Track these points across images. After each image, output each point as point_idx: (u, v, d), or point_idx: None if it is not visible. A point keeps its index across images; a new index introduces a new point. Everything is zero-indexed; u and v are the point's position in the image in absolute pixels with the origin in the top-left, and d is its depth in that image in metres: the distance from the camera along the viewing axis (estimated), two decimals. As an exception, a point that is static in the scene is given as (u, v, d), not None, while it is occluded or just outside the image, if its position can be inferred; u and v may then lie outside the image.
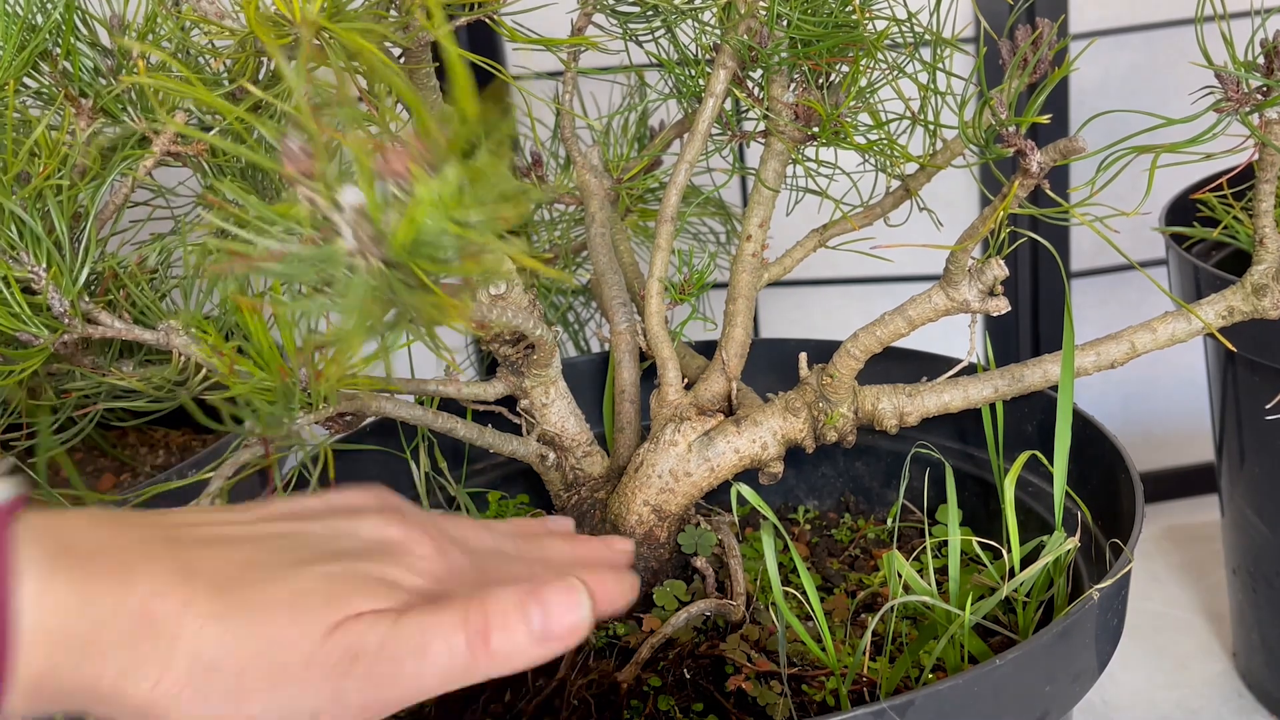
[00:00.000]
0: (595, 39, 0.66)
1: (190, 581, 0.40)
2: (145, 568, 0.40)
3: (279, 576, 0.42)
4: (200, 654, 0.39)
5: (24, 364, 0.55)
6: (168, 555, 0.41)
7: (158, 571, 0.40)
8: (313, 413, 0.58)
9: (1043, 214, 0.58)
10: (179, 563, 0.40)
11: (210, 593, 0.40)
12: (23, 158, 0.56)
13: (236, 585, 0.41)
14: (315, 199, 0.40)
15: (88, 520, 0.41)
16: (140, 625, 0.39)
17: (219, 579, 0.41)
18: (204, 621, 0.39)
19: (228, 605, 0.40)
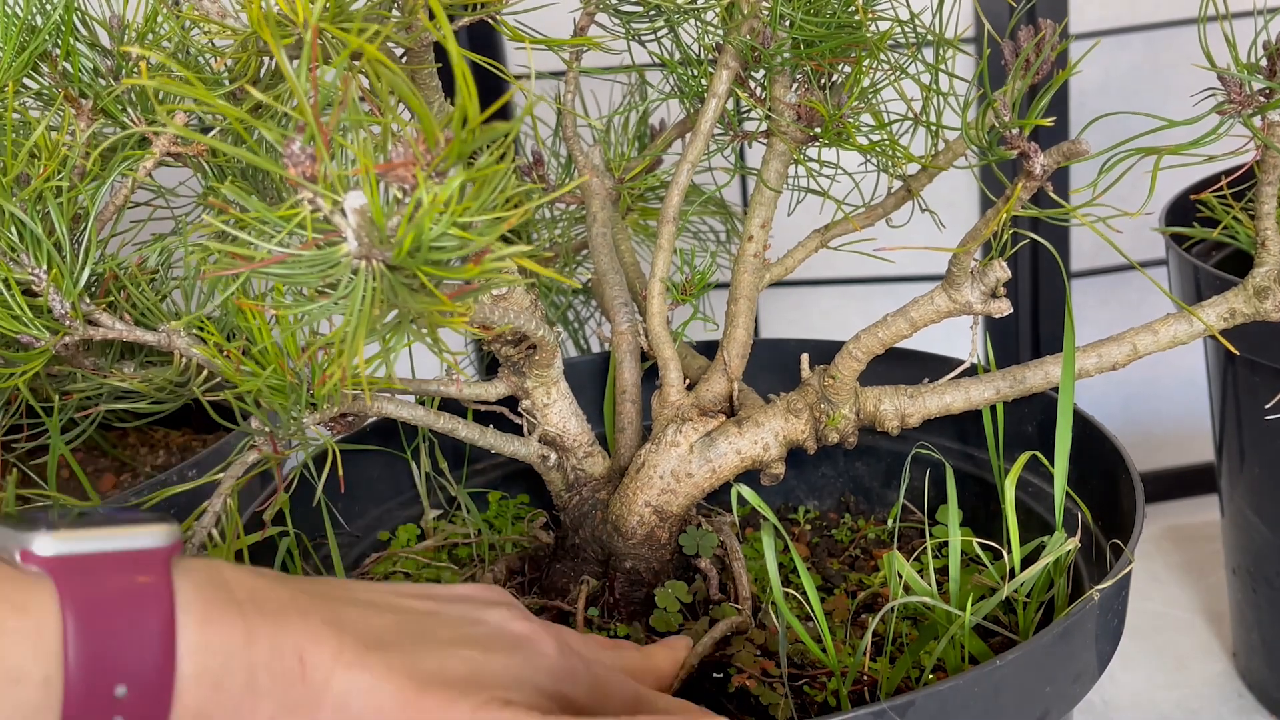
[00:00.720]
0: (598, 39, 0.66)
1: (341, 634, 0.41)
2: (299, 617, 0.41)
3: (425, 648, 0.43)
4: (348, 704, 0.40)
5: (25, 366, 0.55)
6: (319, 608, 0.42)
7: (311, 621, 0.41)
8: (316, 413, 0.58)
9: (1044, 215, 0.58)
10: (331, 616, 0.42)
11: (360, 648, 0.41)
12: (22, 159, 0.55)
13: (386, 647, 0.42)
14: (318, 202, 0.40)
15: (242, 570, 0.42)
16: (293, 670, 0.40)
17: (369, 637, 0.42)
18: (354, 673, 0.40)
19: (377, 662, 0.41)
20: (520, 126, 0.81)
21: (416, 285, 0.42)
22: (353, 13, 0.48)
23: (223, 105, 0.42)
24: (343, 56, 0.41)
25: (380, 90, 0.41)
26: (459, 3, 0.55)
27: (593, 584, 0.65)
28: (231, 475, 0.58)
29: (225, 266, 0.42)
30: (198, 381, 0.57)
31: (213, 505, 0.58)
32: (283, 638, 0.40)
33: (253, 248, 0.42)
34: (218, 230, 0.43)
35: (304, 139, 0.40)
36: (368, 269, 0.41)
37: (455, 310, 0.43)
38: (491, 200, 0.41)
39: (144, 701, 0.38)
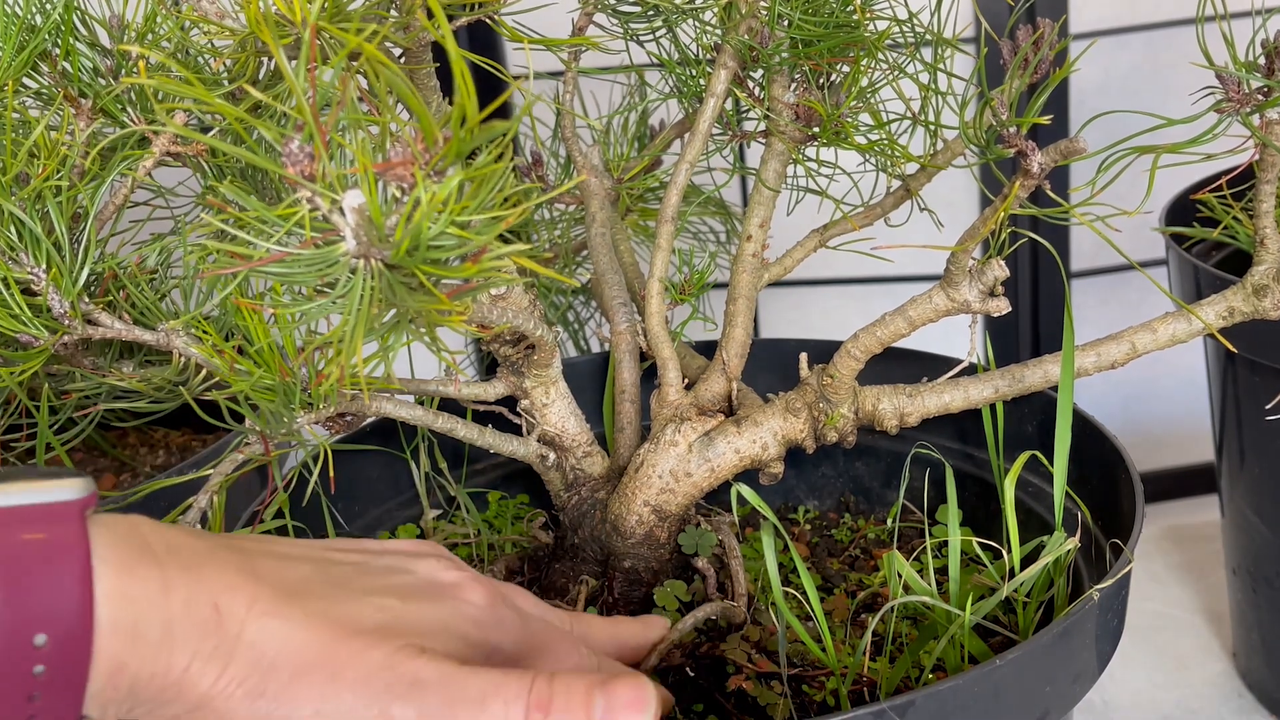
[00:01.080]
0: (596, 39, 0.66)
1: (258, 583, 0.41)
2: (215, 567, 0.41)
3: (343, 595, 0.43)
4: (262, 652, 0.40)
5: (24, 365, 0.55)
6: (236, 560, 0.42)
7: (227, 571, 0.41)
8: (313, 412, 0.58)
9: (1043, 214, 0.58)
10: (247, 566, 0.42)
11: (275, 595, 0.41)
12: (22, 158, 0.55)
13: (301, 594, 0.42)
14: (317, 201, 0.40)
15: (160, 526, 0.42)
16: (209, 620, 0.40)
17: (286, 586, 0.42)
18: (267, 620, 0.40)
19: (292, 609, 0.41)
20: (519, 126, 0.81)
21: (415, 284, 0.42)
22: (351, 13, 0.48)
23: (222, 105, 0.42)
24: (341, 56, 0.41)
25: (379, 89, 0.41)
26: (457, 2, 0.55)
27: (592, 584, 0.65)
28: (221, 471, 0.58)
29: (224, 265, 0.42)
30: (196, 381, 0.57)
31: (198, 501, 0.58)
32: (198, 587, 0.40)
33: (251, 247, 0.42)
34: (216, 229, 0.43)
35: (302, 138, 0.40)
36: (366, 268, 0.41)
37: (453, 309, 0.43)
38: (490, 199, 0.41)
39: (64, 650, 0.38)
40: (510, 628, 0.48)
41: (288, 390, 0.54)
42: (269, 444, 0.58)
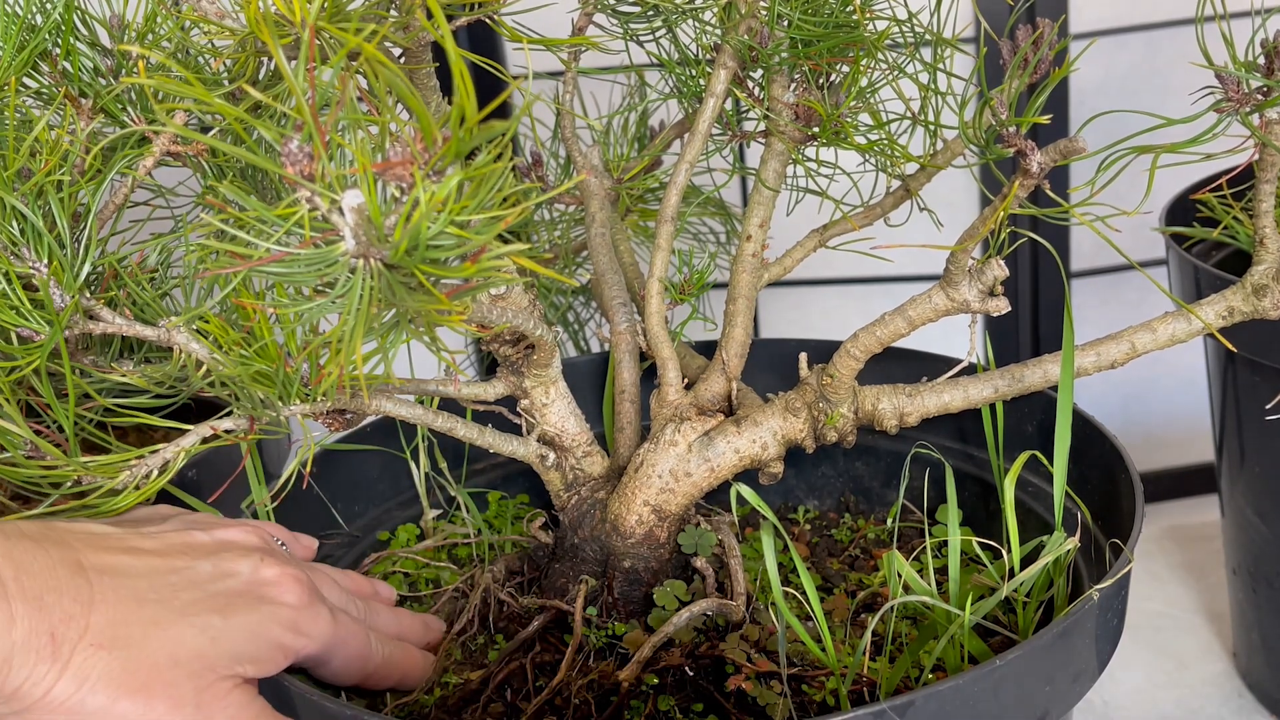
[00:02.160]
0: (596, 39, 0.66)
1: (90, 611, 0.47)
2: (55, 595, 0.46)
3: (166, 620, 0.48)
4: (86, 677, 0.46)
5: (25, 360, 0.55)
6: (75, 583, 0.47)
7: (65, 599, 0.46)
8: (311, 404, 0.58)
9: (1043, 214, 0.58)
10: (84, 592, 0.47)
11: (103, 625, 0.47)
12: (24, 154, 0.56)
13: (128, 622, 0.47)
14: (316, 201, 0.40)
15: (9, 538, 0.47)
16: (45, 648, 0.45)
17: (114, 612, 0.47)
18: (94, 651, 0.46)
19: (119, 639, 0.47)
20: (518, 126, 0.81)
21: (414, 284, 0.42)
22: (350, 12, 0.48)
23: (221, 105, 0.42)
24: (340, 56, 0.41)
25: (378, 89, 0.41)
26: (457, 2, 0.55)
27: (591, 583, 0.65)
28: (198, 433, 0.58)
29: (224, 265, 0.42)
30: (196, 378, 0.57)
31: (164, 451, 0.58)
32: (38, 618, 0.45)
33: (251, 246, 0.42)
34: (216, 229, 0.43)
35: (302, 138, 0.40)
36: (365, 267, 0.41)
37: (453, 309, 0.43)
38: (489, 199, 0.41)
39: None
40: (321, 625, 0.54)
41: (286, 380, 0.54)
42: (254, 424, 0.58)
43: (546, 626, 0.65)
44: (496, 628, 0.66)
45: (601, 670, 0.60)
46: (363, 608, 0.60)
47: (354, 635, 0.56)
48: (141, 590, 0.49)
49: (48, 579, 0.46)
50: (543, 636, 0.64)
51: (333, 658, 0.55)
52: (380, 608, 0.62)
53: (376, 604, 0.62)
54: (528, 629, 0.64)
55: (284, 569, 0.54)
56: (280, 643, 0.51)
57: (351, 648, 0.56)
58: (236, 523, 0.58)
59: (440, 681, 0.62)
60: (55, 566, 0.47)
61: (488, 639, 0.65)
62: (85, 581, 0.48)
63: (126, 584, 0.49)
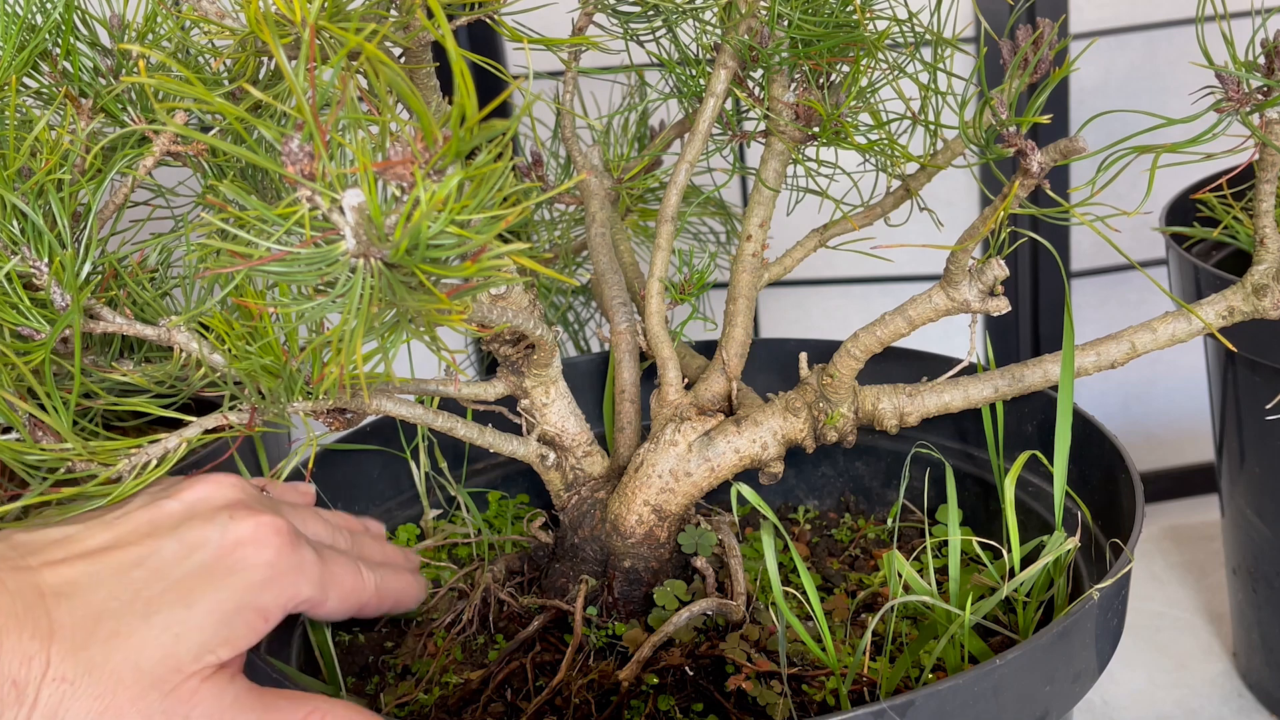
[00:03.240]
0: (596, 39, 0.66)
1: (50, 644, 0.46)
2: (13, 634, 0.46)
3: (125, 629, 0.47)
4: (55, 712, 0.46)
5: (25, 359, 0.55)
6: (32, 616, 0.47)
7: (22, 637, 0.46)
8: (311, 401, 0.58)
9: (1043, 214, 0.58)
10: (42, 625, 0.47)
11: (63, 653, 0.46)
12: (24, 153, 0.56)
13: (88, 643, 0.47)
14: (316, 200, 0.40)
15: None
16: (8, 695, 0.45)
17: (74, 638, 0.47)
18: (56, 684, 0.46)
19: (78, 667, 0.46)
20: (518, 125, 0.81)
21: (414, 283, 0.42)
22: (350, 12, 0.48)
23: (222, 104, 0.42)
24: (340, 55, 0.41)
25: (378, 89, 0.41)
26: (457, 2, 0.55)
27: (592, 583, 0.65)
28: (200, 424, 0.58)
29: (224, 264, 0.42)
30: (196, 377, 0.57)
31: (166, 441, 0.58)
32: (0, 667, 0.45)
33: (251, 246, 0.42)
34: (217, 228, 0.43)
35: (302, 137, 0.40)
36: (366, 267, 0.41)
37: (453, 308, 0.43)
38: (489, 199, 0.41)
39: None
40: (309, 568, 0.53)
41: (290, 376, 0.54)
42: (255, 416, 0.58)
43: (546, 626, 0.65)
44: (496, 627, 0.66)
45: (601, 670, 0.60)
46: (350, 539, 0.60)
47: (344, 569, 0.56)
48: (99, 602, 0.48)
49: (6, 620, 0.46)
50: (543, 636, 0.64)
51: (327, 596, 0.54)
52: (367, 539, 0.62)
53: (364, 537, 0.62)
54: (528, 629, 0.64)
55: (258, 519, 0.52)
56: (258, 606, 0.50)
57: (345, 582, 0.56)
58: (209, 477, 0.55)
59: (440, 681, 0.62)
60: (13, 602, 0.47)
61: (488, 639, 0.65)
62: (44, 611, 0.47)
63: (84, 600, 0.48)
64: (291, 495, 0.62)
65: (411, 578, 0.62)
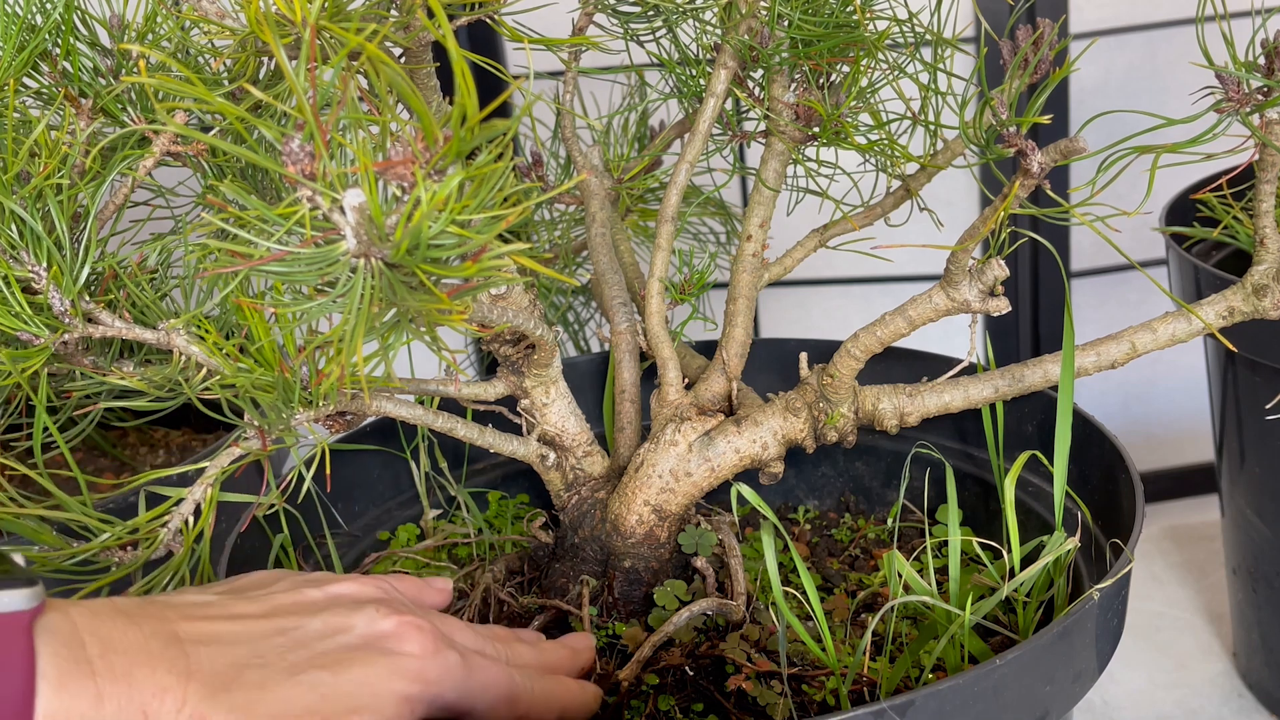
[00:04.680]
0: (596, 39, 0.66)
1: (187, 683, 0.44)
2: (147, 670, 0.44)
3: (272, 683, 0.45)
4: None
5: (24, 364, 0.55)
6: (168, 655, 0.45)
7: (158, 672, 0.44)
8: (312, 410, 0.58)
9: (1043, 214, 0.58)
10: (179, 663, 0.44)
11: (203, 694, 0.44)
12: (23, 157, 0.55)
13: (229, 688, 0.45)
14: (317, 200, 0.40)
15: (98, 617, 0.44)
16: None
17: (215, 681, 0.45)
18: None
19: (220, 708, 0.44)
20: (519, 125, 0.81)
21: (415, 283, 0.42)
22: (351, 12, 0.48)
23: (222, 104, 0.42)
24: (341, 55, 0.41)
25: (379, 89, 0.41)
26: (458, 2, 0.55)
27: (592, 583, 0.65)
28: (217, 464, 0.58)
29: (224, 264, 0.42)
30: (196, 380, 0.57)
31: (193, 493, 0.58)
32: (130, 695, 0.43)
33: (252, 246, 0.42)
34: (217, 228, 0.43)
35: (303, 137, 0.40)
36: (366, 267, 0.41)
37: (453, 308, 0.43)
38: (490, 199, 0.41)
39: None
40: (453, 671, 0.50)
41: (287, 387, 0.54)
42: (266, 439, 0.58)
43: (547, 626, 0.65)
44: (497, 628, 0.66)
45: (601, 670, 0.60)
46: (502, 648, 0.55)
47: (494, 675, 0.52)
48: (242, 656, 0.46)
49: (138, 654, 0.44)
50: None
51: (475, 703, 0.51)
52: (521, 645, 0.57)
53: (517, 644, 0.57)
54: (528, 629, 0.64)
55: (402, 618, 0.50)
56: (403, 694, 0.47)
57: (494, 690, 0.51)
58: (351, 577, 0.53)
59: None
60: (148, 640, 0.45)
61: (488, 639, 0.65)
62: (181, 653, 0.45)
63: (226, 651, 0.46)
64: (429, 594, 0.59)
65: (578, 688, 0.56)
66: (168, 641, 0.45)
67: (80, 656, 0.43)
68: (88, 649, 0.43)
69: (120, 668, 0.43)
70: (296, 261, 0.41)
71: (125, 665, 0.43)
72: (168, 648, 0.45)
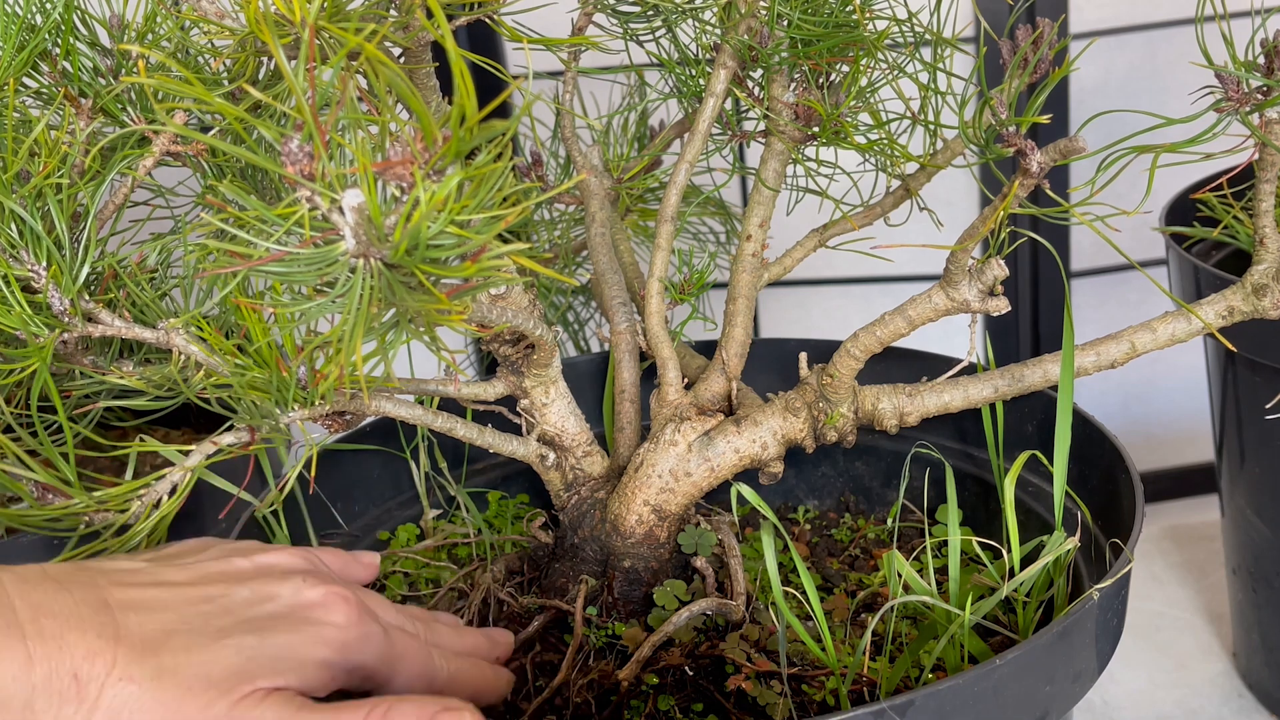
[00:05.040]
0: (596, 39, 0.66)
1: (117, 646, 0.45)
2: (77, 634, 0.45)
3: (198, 646, 0.47)
4: (118, 714, 0.45)
5: (24, 363, 0.55)
6: (98, 620, 0.46)
7: (88, 636, 0.45)
8: (310, 409, 0.58)
9: (1043, 214, 0.58)
10: (109, 629, 0.46)
11: (132, 656, 0.45)
12: (23, 156, 0.56)
13: (158, 651, 0.46)
14: (316, 200, 0.40)
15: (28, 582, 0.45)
16: (68, 689, 0.44)
17: (143, 645, 0.46)
18: (123, 684, 0.45)
19: (146, 670, 0.45)
20: (518, 125, 0.81)
21: (414, 283, 0.42)
22: (350, 12, 0.48)
23: (221, 104, 0.42)
24: (340, 56, 0.41)
25: (378, 89, 0.41)
26: (457, 2, 0.55)
27: (591, 583, 0.65)
28: (202, 450, 0.58)
29: (224, 264, 0.42)
30: (196, 379, 0.57)
31: (172, 474, 0.58)
32: (60, 657, 0.44)
33: (251, 246, 0.42)
34: (216, 228, 0.43)
35: (302, 137, 0.40)
36: (365, 267, 0.41)
37: (453, 309, 0.43)
38: (489, 199, 0.41)
39: None
40: (374, 642, 0.51)
41: (282, 387, 0.54)
42: (255, 435, 0.58)
43: (546, 626, 0.65)
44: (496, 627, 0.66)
45: (601, 670, 0.60)
46: (422, 627, 0.57)
47: (412, 651, 0.53)
48: (170, 622, 0.47)
49: (69, 619, 0.45)
50: (543, 636, 0.64)
51: (394, 676, 0.52)
52: (441, 626, 0.59)
53: (437, 624, 0.59)
54: (528, 629, 0.64)
55: (329, 589, 0.51)
56: (325, 660, 0.49)
57: (412, 665, 0.53)
58: (279, 548, 0.55)
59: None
60: (78, 606, 0.46)
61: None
62: (110, 619, 0.46)
63: (154, 617, 0.47)
64: (355, 568, 0.61)
65: (492, 672, 0.58)
66: (97, 608, 0.46)
67: (11, 620, 0.44)
68: (18, 613, 0.44)
69: (50, 631, 0.44)
70: (295, 262, 0.41)
71: (56, 629, 0.44)
72: (97, 613, 0.46)
